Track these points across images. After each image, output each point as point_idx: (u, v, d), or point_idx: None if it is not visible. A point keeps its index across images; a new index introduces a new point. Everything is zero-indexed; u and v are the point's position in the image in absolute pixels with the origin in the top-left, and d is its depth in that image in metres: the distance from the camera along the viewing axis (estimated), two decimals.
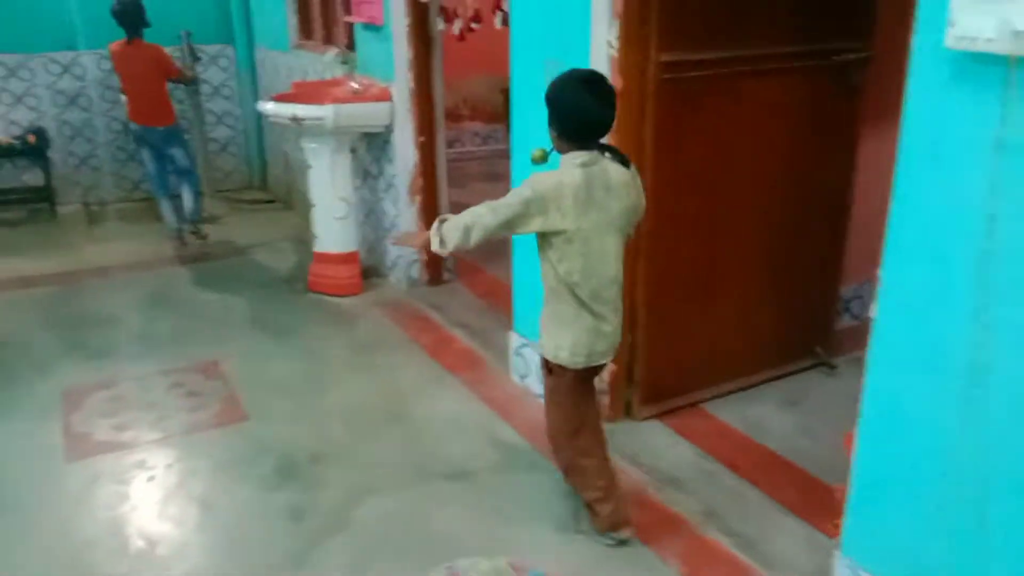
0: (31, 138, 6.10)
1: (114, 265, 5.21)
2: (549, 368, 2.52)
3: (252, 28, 6.61)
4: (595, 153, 2.34)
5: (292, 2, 5.76)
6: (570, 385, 2.49)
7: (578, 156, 2.32)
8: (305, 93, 4.62)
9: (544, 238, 2.36)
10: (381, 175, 4.68)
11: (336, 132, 4.37)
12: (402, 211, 4.55)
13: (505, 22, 3.34)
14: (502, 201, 2.34)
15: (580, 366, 2.44)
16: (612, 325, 2.45)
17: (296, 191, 6.24)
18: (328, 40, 5.46)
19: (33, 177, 6.31)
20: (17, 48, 6.06)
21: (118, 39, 5.13)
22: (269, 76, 6.36)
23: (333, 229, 4.61)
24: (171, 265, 5.23)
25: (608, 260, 2.38)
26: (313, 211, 4.64)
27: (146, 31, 5.15)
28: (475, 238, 2.37)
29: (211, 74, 6.64)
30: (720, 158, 3.06)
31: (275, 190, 6.85)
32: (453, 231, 2.40)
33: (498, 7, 3.33)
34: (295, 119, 4.26)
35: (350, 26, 5.06)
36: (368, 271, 4.83)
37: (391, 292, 4.71)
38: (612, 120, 2.33)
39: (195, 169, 5.63)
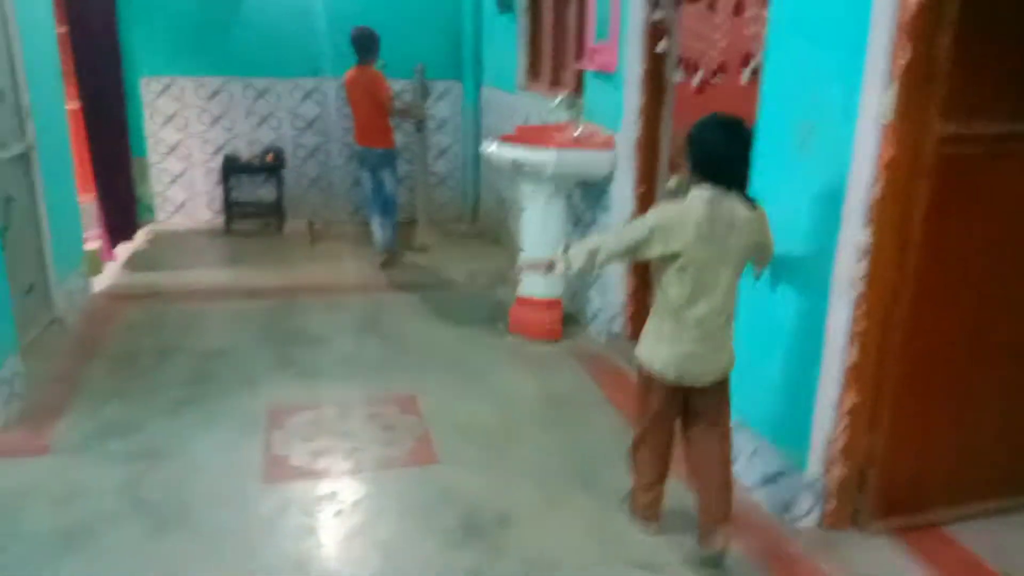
0: (270, 157, 6.52)
1: (330, 285, 5.41)
2: (642, 370, 2.71)
3: (481, 67, 6.74)
4: (722, 189, 2.46)
5: (523, 44, 5.79)
6: (658, 393, 2.67)
7: (705, 190, 2.47)
8: (528, 136, 4.58)
9: (660, 263, 2.53)
10: (594, 223, 4.53)
11: (555, 178, 4.27)
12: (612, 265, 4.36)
13: (753, 77, 3.09)
14: (627, 228, 2.63)
15: (670, 381, 2.61)
16: (711, 352, 2.57)
17: (504, 228, 6.25)
18: (555, 84, 5.42)
19: (267, 193, 6.74)
20: (268, 72, 6.52)
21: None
22: (493, 115, 6.44)
23: (540, 274, 4.50)
24: (382, 290, 5.36)
25: (717, 292, 2.50)
26: (522, 254, 4.56)
27: (387, 64, 5.43)
28: (600, 260, 2.62)
29: (438, 109, 6.83)
30: (1001, 248, 2.63)
31: (485, 224, 6.91)
32: (579, 255, 2.65)
33: (746, 62, 3.06)
34: (516, 163, 4.21)
35: (579, 71, 4.99)
36: (568, 318, 4.68)
37: (589, 343, 4.53)
38: (742, 162, 2.49)
39: (395, 198, 5.75)
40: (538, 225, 4.43)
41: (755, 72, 3.10)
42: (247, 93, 6.55)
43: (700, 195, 2.45)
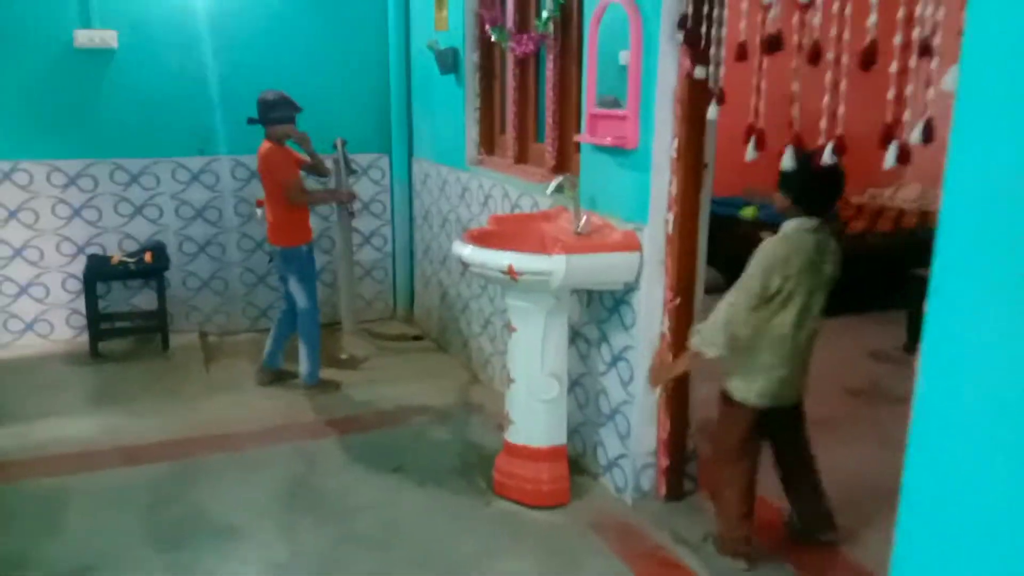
0: (147, 256, 5.13)
1: (238, 431, 4.05)
2: (727, 400, 2.85)
3: (412, 136, 5.60)
4: (821, 221, 2.70)
5: (472, 111, 4.70)
6: (746, 420, 2.82)
7: (807, 222, 2.68)
8: (511, 233, 3.46)
9: (760, 301, 2.66)
10: (605, 342, 3.41)
11: (561, 290, 3.16)
12: (636, 397, 3.25)
13: (903, 159, 2.10)
14: (743, 280, 2.68)
15: (765, 407, 2.79)
16: (800, 373, 2.82)
17: (451, 330, 5.06)
18: (521, 160, 4.34)
19: (145, 300, 5.32)
20: (144, 151, 5.17)
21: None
22: (431, 194, 5.28)
23: (536, 415, 3.34)
24: (310, 435, 4.04)
25: (813, 316, 2.72)
26: (511, 389, 3.39)
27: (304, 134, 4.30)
28: (739, 329, 2.65)
29: (361, 186, 5.60)
30: None
31: (423, 324, 5.70)
32: (714, 334, 2.68)
33: (890, 137, 2.04)
34: (510, 272, 3.06)
35: (559, 144, 3.92)
36: (573, 466, 3.51)
37: (610, 505, 3.38)
38: (837, 197, 2.82)
39: (310, 315, 4.48)
40: (534, 351, 3.28)
41: (904, 155, 2.08)
42: (117, 177, 5.16)
43: (802, 226, 2.69)
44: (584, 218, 3.33)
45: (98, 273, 5.01)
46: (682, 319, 3.17)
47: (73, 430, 4.03)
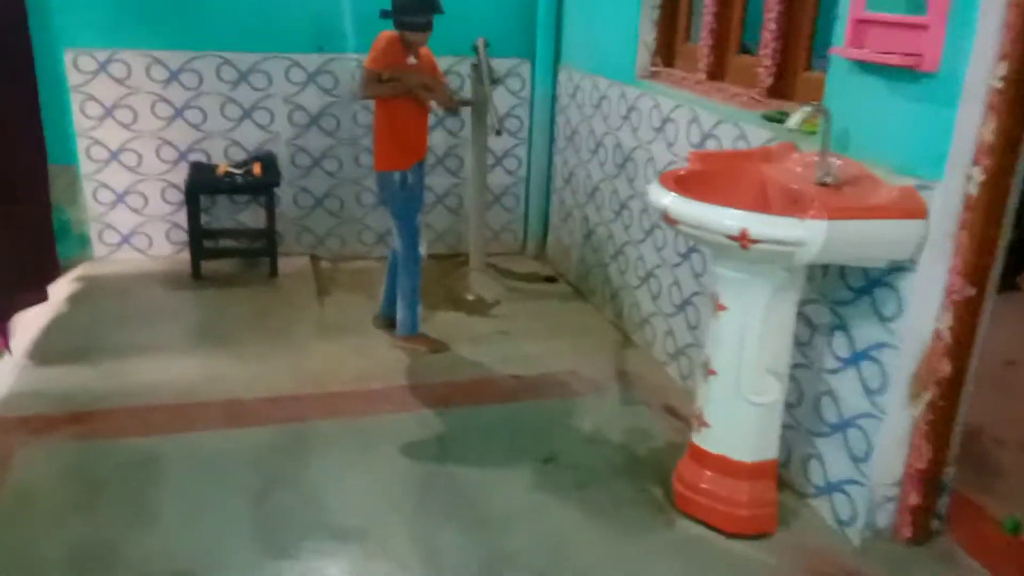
0: (256, 167, 4.48)
1: (353, 392, 3.42)
2: None
3: (561, 38, 4.71)
4: None
5: (651, 8, 3.78)
6: None
7: None
8: (722, 177, 2.63)
9: None
10: (842, 331, 2.58)
11: (812, 263, 2.32)
12: (887, 412, 2.43)
13: None
14: None
15: None
16: None
17: (596, 276, 4.29)
18: (718, 74, 3.43)
19: (252, 217, 4.72)
20: (254, 45, 4.46)
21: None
22: (582, 111, 4.42)
23: (743, 420, 2.57)
24: (438, 400, 3.38)
25: None
26: (710, 382, 2.61)
27: (433, 37, 3.57)
28: None
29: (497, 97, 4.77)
30: None
31: (556, 264, 4.94)
32: None
33: None
34: (742, 238, 2.23)
35: (780, 58, 3.01)
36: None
37: (828, 541, 2.61)
38: None
39: (409, 254, 3.71)
40: (749, 338, 2.48)
41: None
42: (224, 75, 4.48)
43: None
44: (835, 163, 2.45)
45: (202, 185, 4.40)
46: (969, 317, 2.31)
47: (171, 373, 3.47)
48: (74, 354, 3.60)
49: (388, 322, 3.98)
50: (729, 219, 2.25)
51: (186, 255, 4.50)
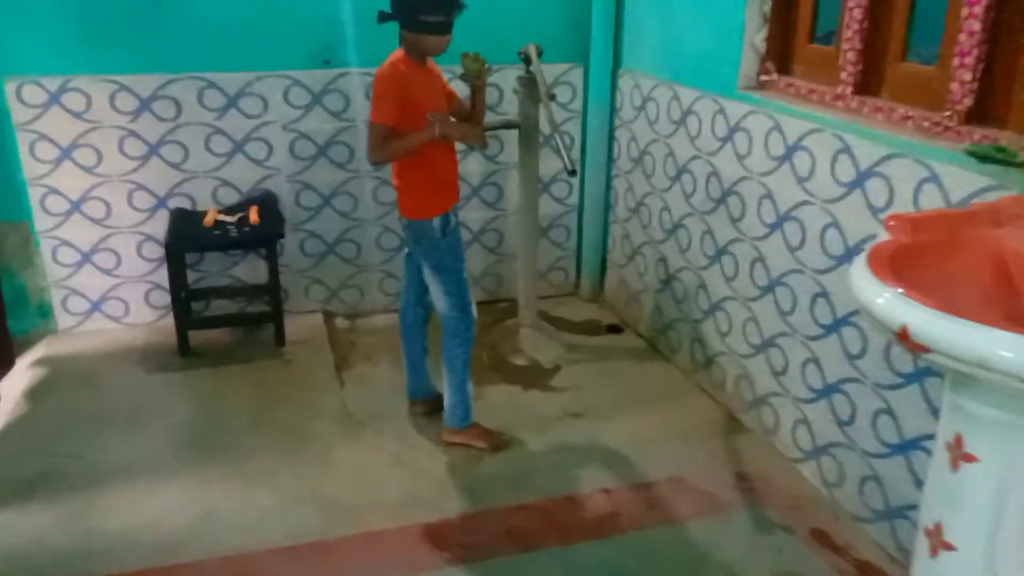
0: (252, 212, 3.61)
1: (394, 529, 2.57)
2: None
3: (622, 37, 3.82)
4: None
5: None
6: None
7: None
8: (946, 254, 1.77)
9: None
10: None
11: None
12: None
13: None
14: None
15: None
16: None
17: (682, 331, 3.43)
18: (871, 87, 2.56)
19: (250, 271, 3.85)
20: (243, 63, 3.57)
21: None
22: (655, 127, 3.54)
23: None
24: (505, 540, 2.53)
25: None
26: (940, 559, 1.76)
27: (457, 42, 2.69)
28: None
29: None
30: None
31: (620, 309, 4.09)
32: None
33: None
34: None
35: (983, 67, 2.14)
36: None
37: None
38: None
39: (455, 321, 2.86)
40: (1016, 504, 1.63)
41: None
42: (208, 100, 3.60)
43: None
44: None
45: (185, 241, 3.52)
46: None
47: (153, 512, 2.62)
48: (26, 487, 2.74)
49: (427, 404, 3.14)
50: (993, 346, 1.39)
51: (170, 321, 3.63)
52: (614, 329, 4.01)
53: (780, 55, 2.93)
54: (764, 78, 2.96)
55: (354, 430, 3.10)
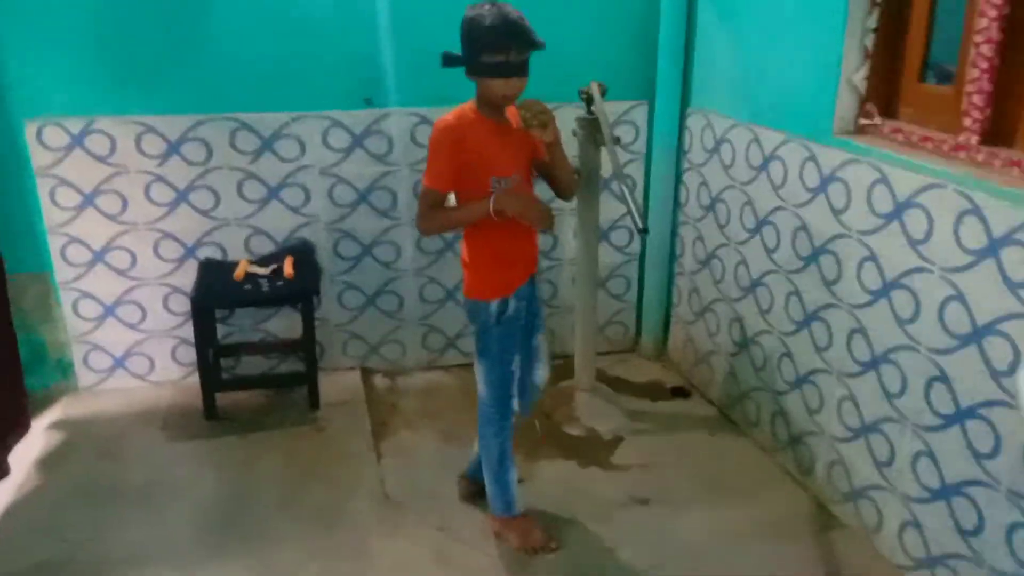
0: (287, 264, 3.32)
1: None
2: None
3: (691, 72, 3.47)
4: None
5: (862, 27, 2.53)
6: None
7: None
8: None
9: None
10: None
11: None
12: None
13: None
14: None
15: None
16: None
17: (760, 404, 3.02)
18: (1002, 135, 2.16)
19: (284, 325, 3.55)
20: (278, 104, 3.30)
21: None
22: (730, 171, 3.18)
23: None
24: None
25: None
26: None
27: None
28: None
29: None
30: None
31: (686, 370, 3.71)
32: None
33: None
34: None
35: None
36: None
37: None
38: None
39: (497, 410, 2.49)
40: None
41: None
42: (240, 143, 3.33)
43: None
44: None
45: (214, 297, 3.24)
46: None
47: None
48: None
49: (479, 487, 2.78)
50: None
51: (196, 377, 3.34)
52: (680, 392, 3.63)
53: (883, 95, 2.55)
54: (864, 122, 2.58)
55: (393, 514, 2.76)
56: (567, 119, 3.28)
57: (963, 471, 2.20)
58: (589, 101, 2.95)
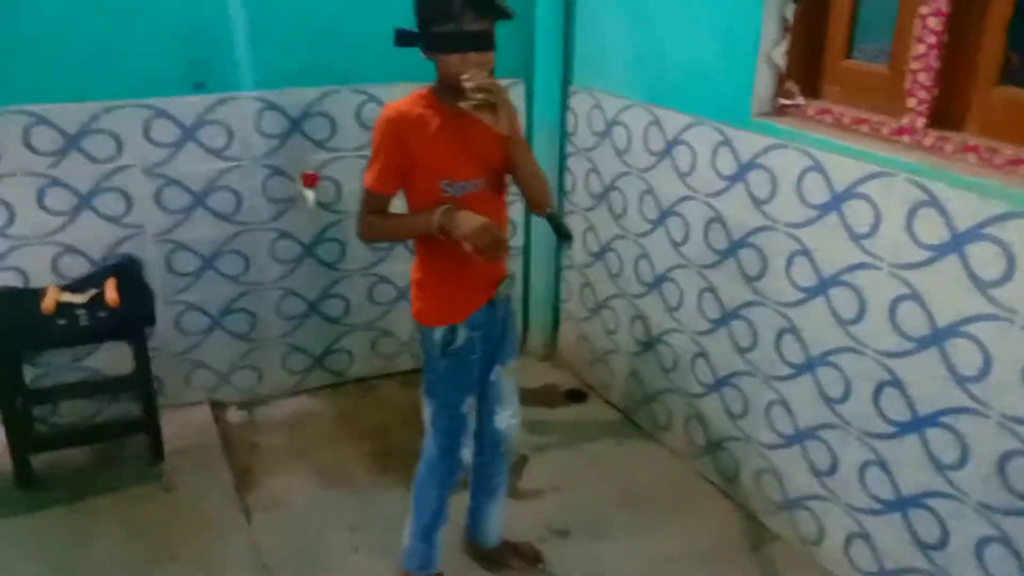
0: (109, 288, 2.70)
1: None
2: None
3: (573, 46, 3.13)
4: None
5: None
6: None
7: None
8: None
9: None
10: None
11: None
12: None
13: None
14: None
15: None
16: None
17: (671, 406, 2.78)
18: (950, 118, 1.97)
19: (110, 360, 2.93)
20: (86, 92, 2.65)
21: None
22: (624, 157, 2.88)
23: None
24: None
25: None
26: None
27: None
28: None
29: None
30: None
31: (579, 368, 3.43)
32: None
33: None
34: None
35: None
36: None
37: None
38: None
39: (443, 459, 2.08)
40: None
41: None
42: (38, 141, 2.65)
43: None
44: None
45: (16, 334, 2.57)
46: None
47: None
48: None
49: (487, 548, 2.36)
50: None
51: (3, 437, 2.67)
52: (576, 396, 3.35)
53: (808, 70, 2.32)
54: (784, 102, 2.35)
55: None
56: None
57: (923, 482, 2.04)
58: None
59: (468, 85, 1.69)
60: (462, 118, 1.77)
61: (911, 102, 2.01)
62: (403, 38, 1.78)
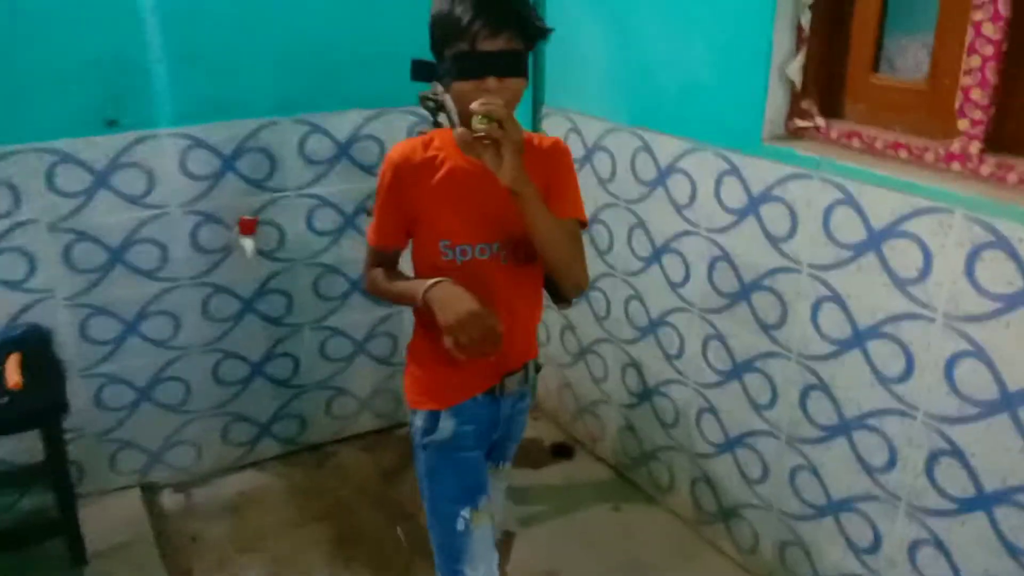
0: (11, 366, 2.26)
1: None
2: None
3: (543, 62, 2.79)
4: None
5: (793, 2, 1.96)
6: None
7: None
8: None
9: None
10: None
11: None
12: None
13: None
14: None
15: None
16: None
17: (674, 467, 2.45)
18: (1005, 141, 1.68)
19: (16, 446, 2.48)
20: None
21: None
22: (617, 188, 2.54)
23: None
24: None
25: None
26: None
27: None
28: None
29: None
30: None
31: (560, 418, 3.10)
32: None
33: None
34: None
35: None
36: None
37: None
38: None
39: (433, 531, 1.67)
40: None
41: None
42: None
43: None
44: None
45: None
46: None
47: None
48: None
49: None
50: None
51: None
52: (562, 451, 3.00)
53: (828, 88, 2.01)
54: (801, 124, 2.03)
55: None
56: (401, 130, 2.52)
57: (852, 485, 1.78)
58: (438, 108, 2.17)
59: (473, 108, 1.32)
60: (479, 166, 1.39)
61: (963, 124, 1.70)
62: (419, 70, 1.43)
